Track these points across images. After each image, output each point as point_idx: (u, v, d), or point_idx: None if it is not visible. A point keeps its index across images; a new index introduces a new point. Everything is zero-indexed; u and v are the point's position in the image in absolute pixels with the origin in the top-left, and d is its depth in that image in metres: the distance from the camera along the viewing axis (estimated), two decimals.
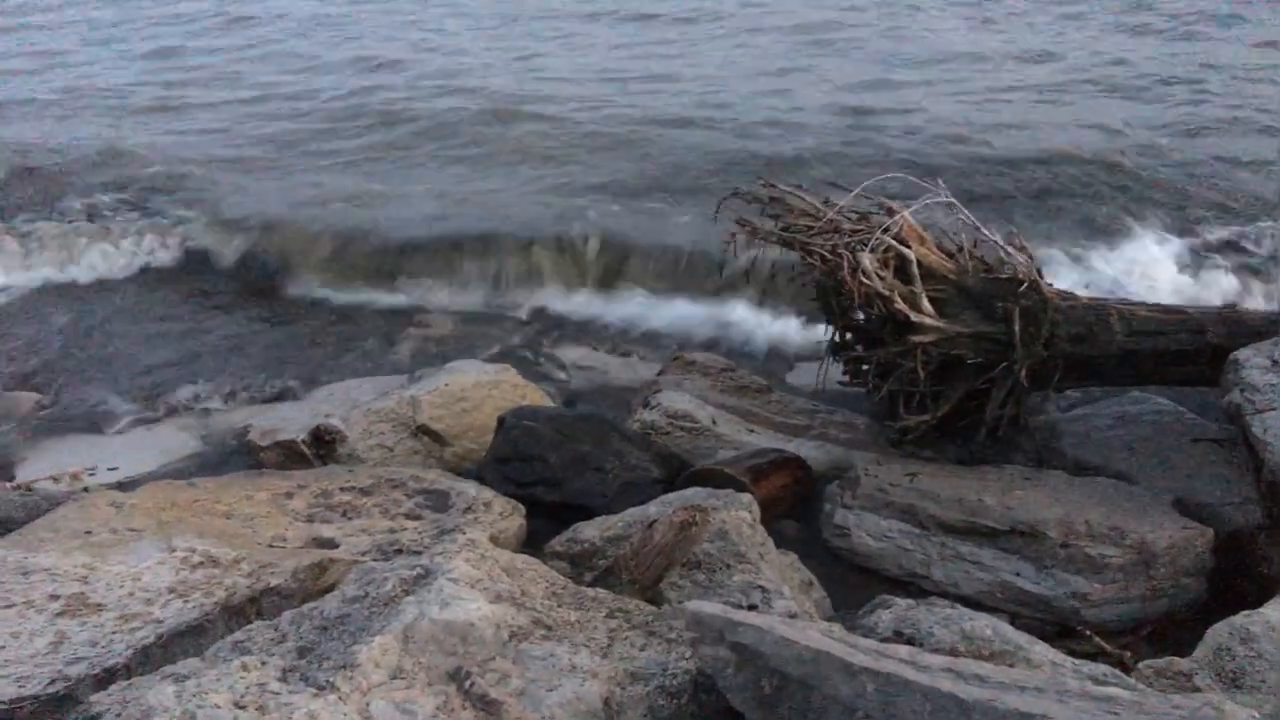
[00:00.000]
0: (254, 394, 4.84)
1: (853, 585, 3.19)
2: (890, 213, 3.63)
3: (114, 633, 2.26)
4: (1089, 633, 2.91)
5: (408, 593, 2.05)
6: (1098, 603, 3.01)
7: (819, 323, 4.07)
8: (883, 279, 3.43)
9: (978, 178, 6.52)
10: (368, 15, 13.35)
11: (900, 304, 3.42)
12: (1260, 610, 2.48)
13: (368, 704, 1.78)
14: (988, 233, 3.77)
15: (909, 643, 2.25)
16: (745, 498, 2.91)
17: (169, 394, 4.83)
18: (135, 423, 4.59)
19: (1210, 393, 3.75)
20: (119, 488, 3.46)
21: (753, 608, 2.45)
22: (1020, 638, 2.33)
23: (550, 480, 3.45)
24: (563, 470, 3.47)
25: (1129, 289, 5.23)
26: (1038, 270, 3.68)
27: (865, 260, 3.40)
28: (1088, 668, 2.17)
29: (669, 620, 2.17)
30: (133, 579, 2.49)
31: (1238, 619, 2.44)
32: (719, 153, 7.30)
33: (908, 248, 3.52)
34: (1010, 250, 3.69)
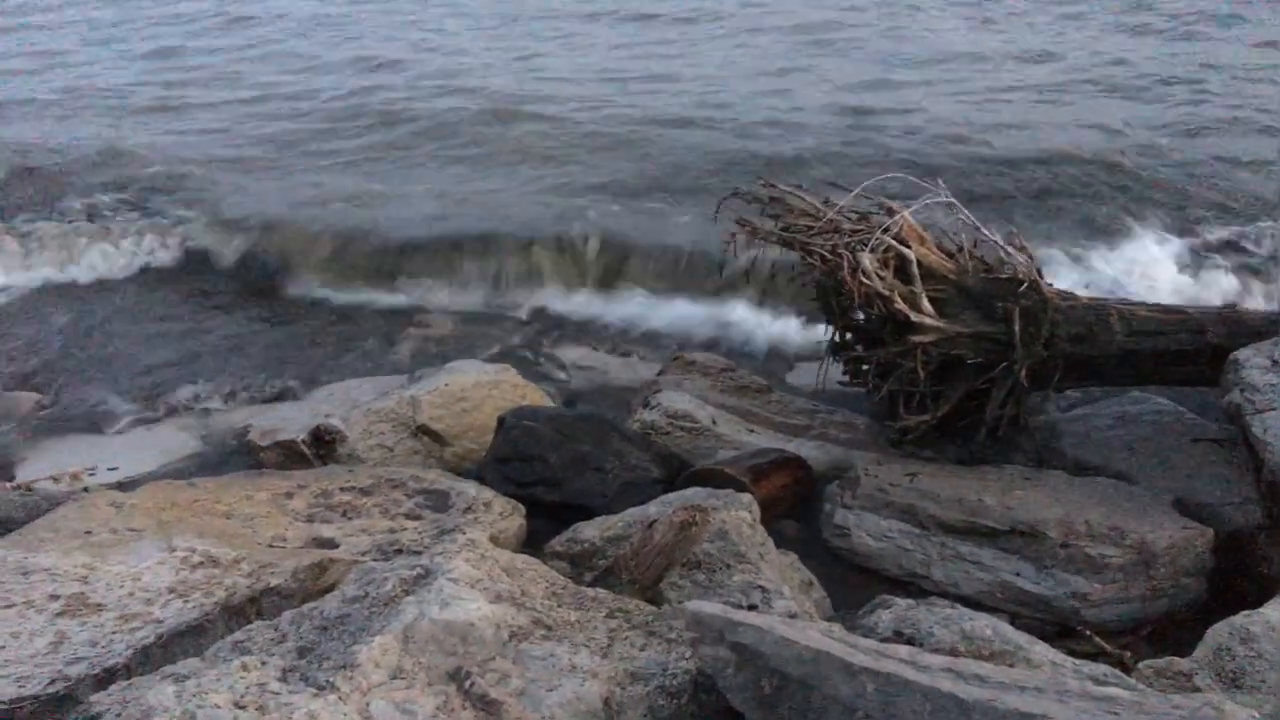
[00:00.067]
0: (254, 394, 4.84)
1: (853, 585, 3.19)
2: (890, 213, 3.63)
3: (114, 633, 2.26)
4: (1089, 633, 2.91)
5: (408, 593, 2.05)
6: (1098, 603, 3.01)
7: (819, 323, 4.07)
8: (883, 279, 3.43)
9: (978, 178, 6.52)
10: (368, 15, 13.35)
11: (900, 304, 3.42)
12: (1260, 610, 2.48)
13: (368, 704, 1.78)
14: (988, 233, 3.77)
15: (909, 643, 2.25)
16: (745, 498, 2.91)
17: (169, 394, 4.83)
18: (135, 423, 4.59)
19: (1210, 393, 3.75)
20: (119, 488, 3.46)
21: (753, 608, 2.45)
22: (1020, 638, 2.33)
23: (550, 480, 3.45)
24: (563, 470, 3.47)
25: (1129, 289, 5.23)
26: (1038, 270, 3.68)
27: (865, 260, 3.40)
28: (1088, 668, 2.17)
29: (669, 620, 2.17)
30: (133, 579, 2.49)
31: (1238, 619, 2.44)
32: (719, 153, 7.30)
33: (908, 248, 3.52)
34: (1010, 250, 3.69)
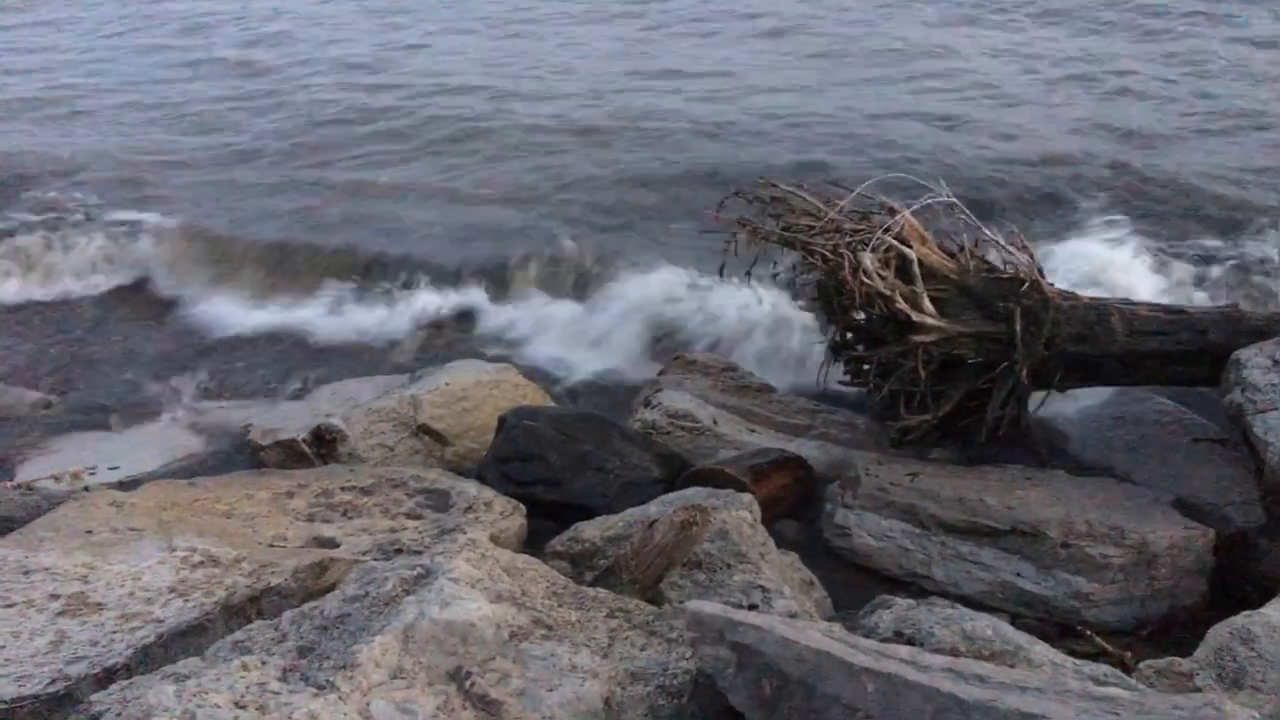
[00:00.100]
0: (254, 393, 4.84)
1: (853, 585, 3.19)
2: (891, 212, 3.63)
3: (114, 632, 2.26)
4: (1090, 633, 2.92)
5: (408, 592, 2.05)
6: (1099, 603, 3.01)
7: (820, 323, 4.07)
8: (884, 279, 3.43)
9: (977, 178, 6.51)
10: (350, 16, 13.31)
11: (901, 304, 3.42)
12: (1261, 610, 2.48)
13: (368, 704, 1.78)
14: (989, 232, 3.77)
15: (909, 643, 2.25)
16: (746, 497, 2.91)
17: (169, 394, 4.83)
18: (135, 422, 4.59)
19: (1211, 393, 3.75)
20: (120, 487, 3.46)
21: (753, 608, 2.45)
22: (1021, 638, 2.33)
23: (551, 480, 3.45)
24: (563, 470, 3.47)
25: (1129, 289, 5.23)
26: (1039, 270, 3.68)
27: (866, 260, 3.40)
28: (1089, 668, 2.17)
29: (669, 620, 2.16)
30: (133, 578, 2.49)
31: (1239, 619, 2.44)
32: (718, 153, 7.29)
33: (909, 247, 3.52)
34: (1011, 250, 3.69)
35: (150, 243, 6.41)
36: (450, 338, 5.44)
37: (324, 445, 3.75)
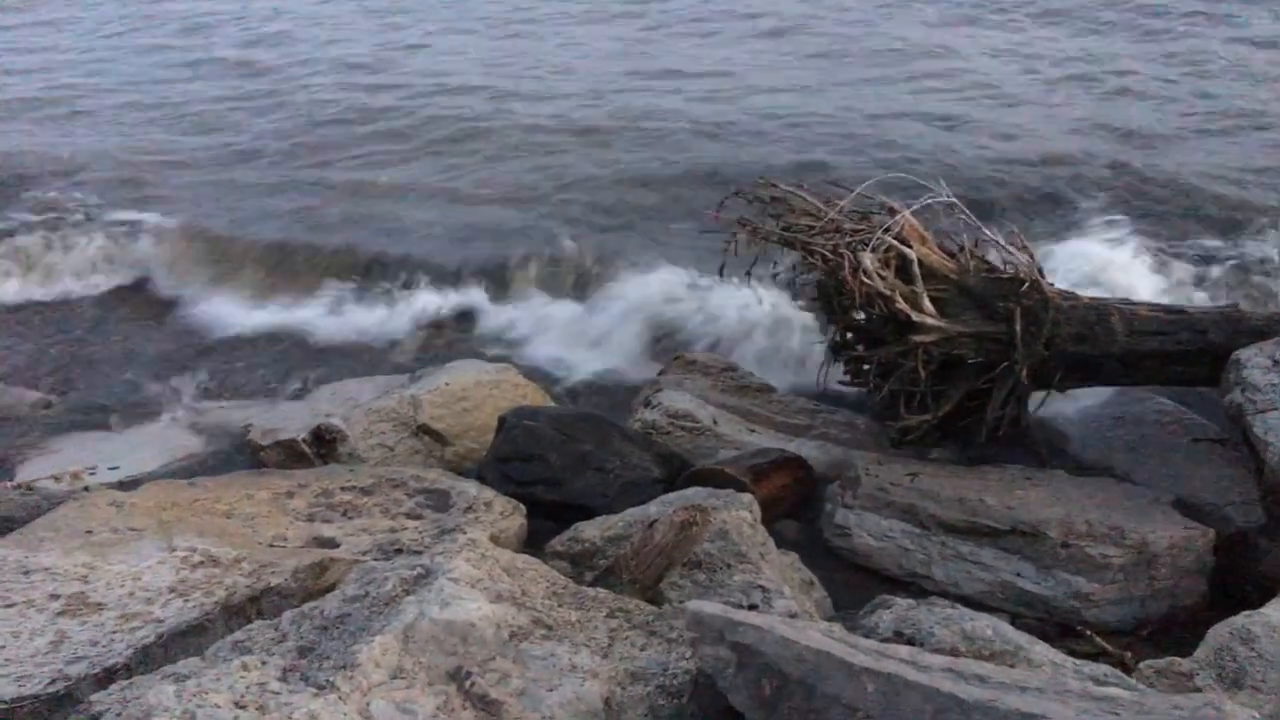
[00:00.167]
0: (254, 393, 4.84)
1: (853, 585, 3.19)
2: (891, 212, 3.63)
3: (114, 632, 2.26)
4: (1090, 633, 2.92)
5: (408, 592, 2.05)
6: (1099, 603, 3.01)
7: (820, 323, 4.07)
8: (884, 279, 3.43)
9: (977, 178, 6.51)
10: (350, 16, 13.30)
11: (901, 304, 3.42)
12: (1261, 610, 2.48)
13: (368, 704, 1.78)
14: (989, 232, 3.77)
15: (909, 643, 2.25)
16: (746, 498, 2.91)
17: (169, 394, 4.83)
18: (135, 422, 4.59)
19: (1211, 393, 3.74)
20: (120, 487, 3.46)
21: (753, 608, 2.45)
22: (1021, 638, 2.33)
23: (551, 480, 3.45)
24: (563, 470, 3.47)
25: (1129, 289, 5.22)
26: (1039, 270, 3.68)
27: (866, 260, 3.40)
28: (1089, 668, 2.17)
29: (669, 620, 2.16)
30: (133, 578, 2.49)
31: (1239, 619, 2.44)
32: (718, 153, 7.29)
33: (909, 247, 3.52)
34: (1011, 250, 3.69)
35: (150, 243, 6.41)
36: (450, 338, 5.44)
37: (324, 445, 3.75)
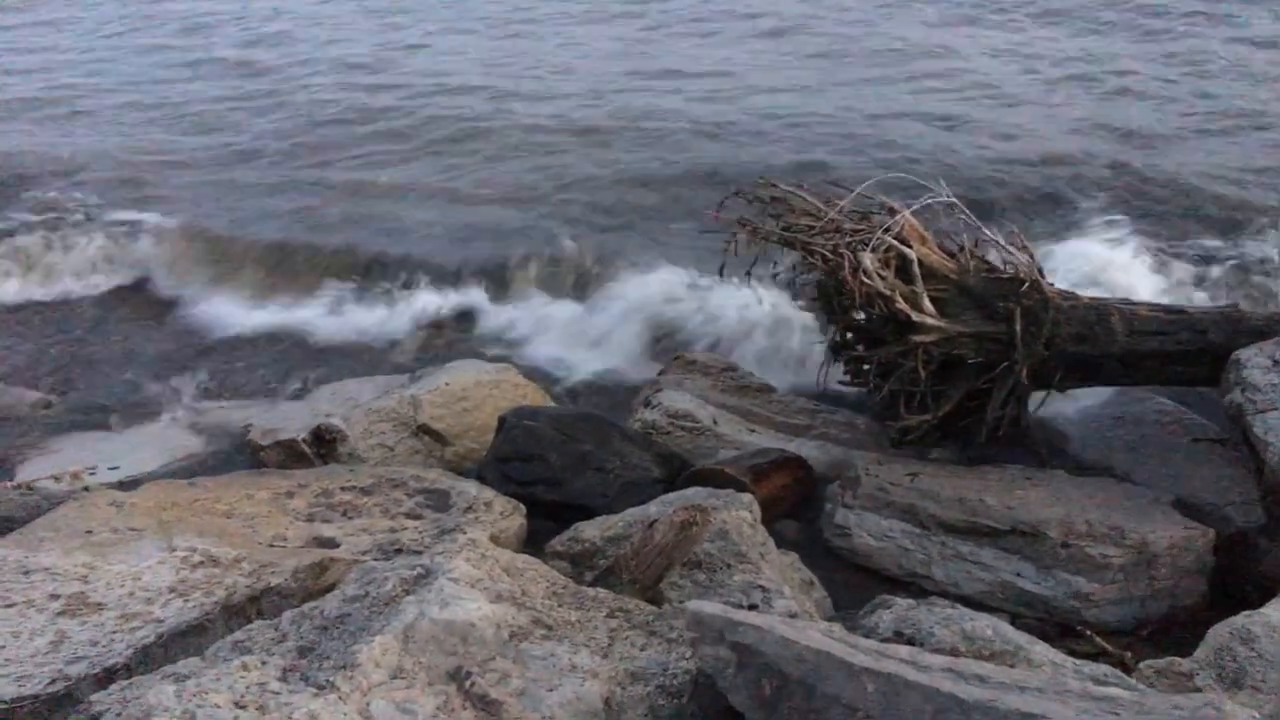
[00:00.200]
0: (254, 393, 4.84)
1: (853, 585, 3.19)
2: (891, 212, 3.63)
3: (114, 632, 2.26)
4: (1090, 633, 2.91)
5: (408, 592, 2.05)
6: (1099, 603, 3.01)
7: (820, 323, 4.07)
8: (884, 279, 3.43)
9: (977, 178, 6.51)
10: (350, 16, 13.30)
11: (901, 304, 3.42)
12: (1261, 610, 2.48)
13: (368, 704, 1.78)
14: (989, 232, 3.77)
15: (909, 643, 2.25)
16: (746, 497, 2.91)
17: (169, 394, 4.83)
18: (135, 422, 4.59)
19: (1211, 393, 3.74)
20: (120, 487, 3.46)
21: (753, 608, 2.45)
22: (1021, 638, 2.33)
23: (551, 480, 3.45)
24: (563, 470, 3.47)
25: (1129, 289, 5.22)
26: (1039, 270, 3.68)
27: (866, 260, 3.40)
28: (1088, 668, 2.17)
29: (669, 620, 2.16)
30: (133, 578, 2.49)
31: (1239, 619, 2.44)
32: (718, 153, 7.29)
33: (909, 247, 3.52)
34: (1011, 250, 3.69)
35: (150, 243, 6.41)
36: (450, 338, 5.44)
37: (324, 445, 3.75)
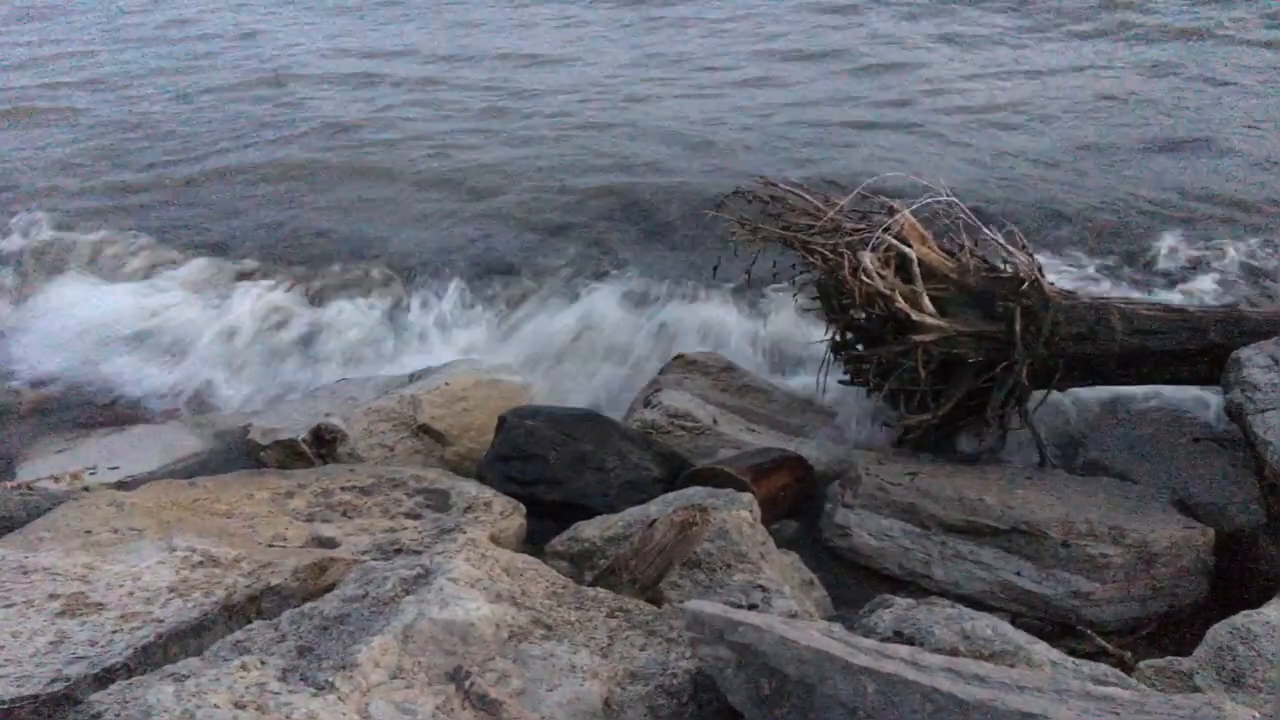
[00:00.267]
0: (254, 393, 4.84)
1: (853, 585, 3.19)
2: (891, 212, 3.63)
3: (114, 632, 2.26)
4: (1090, 632, 2.91)
5: (408, 592, 2.05)
6: (1098, 602, 3.01)
7: (819, 322, 4.07)
8: (884, 278, 3.43)
9: (974, 181, 6.51)
10: (348, 20, 13.30)
11: (901, 303, 3.42)
12: (1261, 610, 2.48)
13: (367, 704, 1.78)
14: (989, 232, 3.77)
15: (909, 642, 2.25)
16: (746, 497, 2.91)
17: (170, 393, 4.83)
18: (135, 422, 4.59)
19: (1211, 392, 3.74)
20: (119, 487, 3.46)
21: (753, 607, 2.45)
22: (1021, 637, 2.32)
23: (551, 479, 3.45)
24: (563, 469, 3.46)
25: (1128, 289, 5.23)
26: (1039, 269, 3.68)
27: (866, 259, 3.40)
28: (1088, 667, 2.17)
29: (669, 620, 2.16)
30: (133, 578, 2.49)
31: (1238, 619, 2.44)
32: (716, 154, 7.30)
33: (909, 247, 3.52)
34: (1011, 249, 3.69)
35: (145, 244, 6.41)
36: (449, 338, 5.44)
37: (324, 445, 3.75)
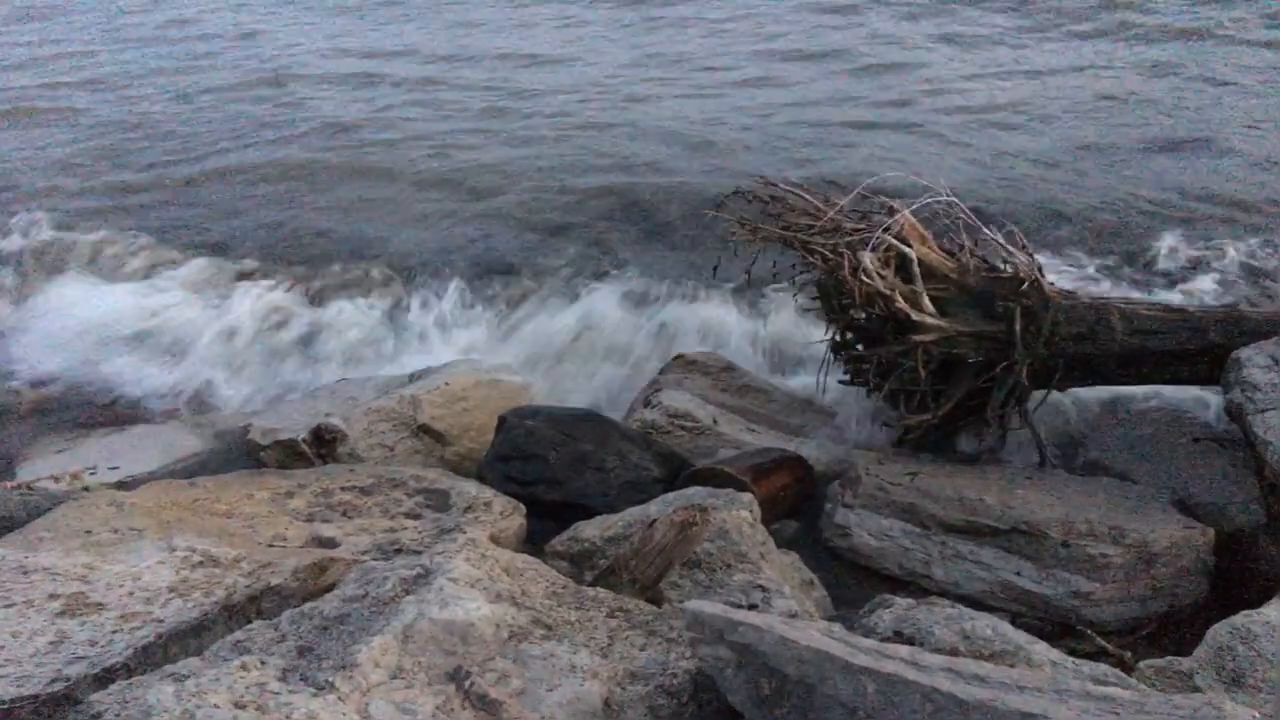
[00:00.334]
0: (254, 393, 4.84)
1: (853, 585, 3.19)
2: (891, 212, 3.63)
3: (114, 632, 2.26)
4: (1090, 632, 2.91)
5: (408, 592, 2.05)
6: (1098, 602, 3.01)
7: (819, 322, 4.07)
8: (884, 278, 3.43)
9: (973, 182, 6.51)
10: (347, 20, 13.30)
11: (901, 303, 3.42)
12: (1261, 610, 2.48)
13: (367, 704, 1.78)
14: (989, 232, 3.77)
15: (909, 642, 2.25)
16: (746, 497, 2.91)
17: (170, 393, 4.83)
18: (135, 422, 4.59)
19: (1211, 392, 3.74)
20: (119, 487, 3.46)
21: (753, 607, 2.45)
22: (1021, 637, 2.32)
23: (551, 479, 3.45)
24: (563, 469, 3.46)
25: (1128, 289, 5.23)
26: (1039, 269, 3.68)
27: (866, 259, 3.40)
28: (1088, 667, 2.17)
29: (669, 620, 2.16)
30: (133, 578, 2.49)
31: (1238, 619, 2.44)
32: (716, 154, 7.30)
33: (909, 246, 3.52)
34: (1011, 249, 3.69)
35: (145, 244, 6.41)
36: (449, 338, 5.44)
37: (324, 445, 3.75)
